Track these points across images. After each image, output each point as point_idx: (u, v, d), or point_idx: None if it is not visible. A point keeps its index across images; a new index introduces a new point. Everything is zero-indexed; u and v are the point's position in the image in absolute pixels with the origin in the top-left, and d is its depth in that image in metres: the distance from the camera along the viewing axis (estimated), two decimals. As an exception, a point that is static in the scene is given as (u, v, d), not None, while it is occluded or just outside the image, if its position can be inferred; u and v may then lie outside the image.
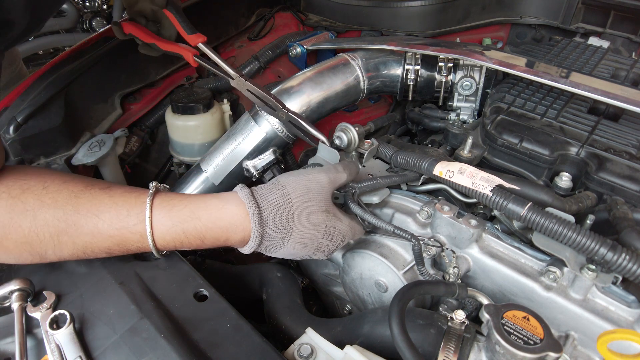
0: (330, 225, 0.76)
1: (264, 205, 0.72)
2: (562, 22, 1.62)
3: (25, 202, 0.68)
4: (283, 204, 0.72)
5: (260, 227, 0.71)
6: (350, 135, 1.07)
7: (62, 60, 1.22)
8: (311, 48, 1.54)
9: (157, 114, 1.44)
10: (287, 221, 0.72)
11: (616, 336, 0.58)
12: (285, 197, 0.73)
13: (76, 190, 0.70)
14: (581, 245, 0.70)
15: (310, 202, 0.74)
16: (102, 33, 1.31)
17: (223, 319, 0.73)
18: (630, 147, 0.96)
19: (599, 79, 1.04)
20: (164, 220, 0.71)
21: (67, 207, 0.69)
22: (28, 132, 1.11)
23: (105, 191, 0.72)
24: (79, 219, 0.69)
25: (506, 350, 0.60)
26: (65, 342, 0.68)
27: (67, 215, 0.69)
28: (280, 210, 0.72)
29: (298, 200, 0.73)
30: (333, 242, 0.78)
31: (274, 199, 0.72)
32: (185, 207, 0.72)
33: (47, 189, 0.69)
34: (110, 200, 0.71)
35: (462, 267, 0.85)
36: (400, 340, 0.61)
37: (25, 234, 0.68)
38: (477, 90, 1.28)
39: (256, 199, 0.72)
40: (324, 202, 0.76)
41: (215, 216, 0.71)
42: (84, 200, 0.70)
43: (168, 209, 0.71)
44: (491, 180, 0.80)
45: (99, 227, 0.69)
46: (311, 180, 0.76)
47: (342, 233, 0.78)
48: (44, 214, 0.68)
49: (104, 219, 0.69)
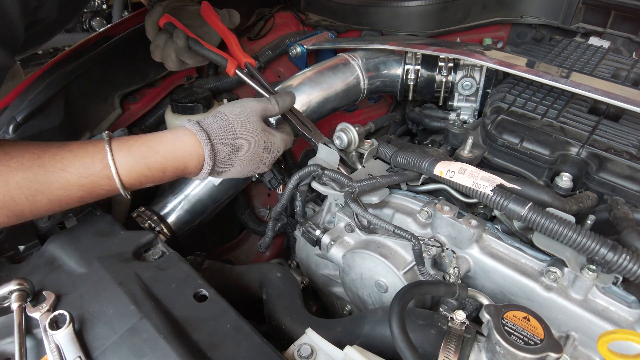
0: (268, 140, 0.88)
1: (211, 133, 0.81)
2: (563, 22, 1.61)
3: None
4: (227, 129, 0.83)
5: (212, 151, 0.81)
6: (350, 135, 1.07)
7: (62, 60, 1.21)
8: (311, 48, 1.54)
9: (156, 114, 1.44)
10: (233, 142, 0.83)
11: (616, 336, 0.58)
12: (228, 123, 0.83)
13: (37, 152, 0.74)
14: (582, 245, 0.70)
15: (248, 124, 0.85)
16: (102, 33, 1.31)
17: (223, 319, 0.73)
18: (631, 147, 0.96)
19: (599, 79, 1.04)
20: (125, 159, 0.77)
21: (34, 168, 0.73)
22: (28, 132, 1.11)
23: (63, 148, 0.77)
24: (48, 176, 0.73)
25: (506, 351, 0.60)
26: (65, 343, 0.67)
27: (37, 176, 0.73)
28: (225, 135, 0.82)
29: (238, 124, 0.84)
30: (271, 154, 0.91)
31: (219, 126, 0.82)
32: (143, 145, 0.79)
33: (9, 154, 0.72)
34: (72, 154, 0.76)
35: (463, 267, 0.85)
36: (400, 340, 0.61)
37: (0, 199, 0.71)
38: (478, 90, 1.28)
39: (204, 128, 0.81)
40: (259, 123, 0.87)
41: (172, 148, 0.80)
42: (47, 158, 0.74)
43: (127, 149, 0.78)
44: (492, 180, 0.80)
45: (68, 179, 0.74)
46: (245, 106, 0.87)
47: (277, 145, 0.91)
48: (14, 178, 0.71)
49: (72, 171, 0.75)
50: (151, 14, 1.13)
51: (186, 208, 1.22)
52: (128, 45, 1.32)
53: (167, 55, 1.13)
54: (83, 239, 0.86)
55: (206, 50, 1.08)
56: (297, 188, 0.99)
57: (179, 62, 1.14)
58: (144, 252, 0.88)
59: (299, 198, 1.03)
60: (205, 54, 1.09)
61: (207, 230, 1.54)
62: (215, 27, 1.17)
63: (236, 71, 1.07)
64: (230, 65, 1.07)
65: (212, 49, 1.08)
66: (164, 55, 1.14)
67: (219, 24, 1.16)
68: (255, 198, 1.60)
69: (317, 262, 1.08)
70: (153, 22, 1.13)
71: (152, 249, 0.89)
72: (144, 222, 1.14)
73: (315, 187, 0.96)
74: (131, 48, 1.34)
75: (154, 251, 0.89)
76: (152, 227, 1.15)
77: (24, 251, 0.97)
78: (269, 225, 1.11)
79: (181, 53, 1.11)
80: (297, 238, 1.10)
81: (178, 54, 1.12)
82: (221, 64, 1.08)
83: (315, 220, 1.05)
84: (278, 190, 1.26)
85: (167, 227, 1.18)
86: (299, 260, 1.16)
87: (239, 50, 1.11)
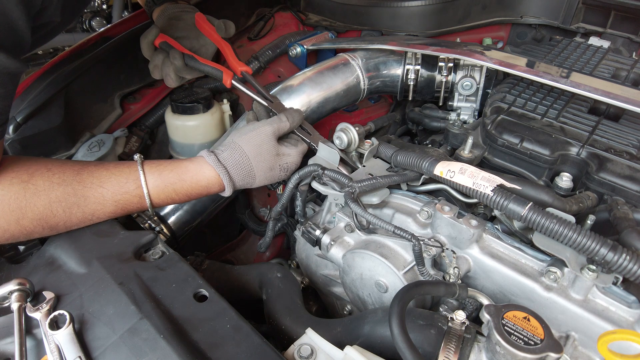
0: (282, 162, 0.99)
1: (228, 167, 0.93)
2: (563, 22, 1.61)
3: (36, 185, 0.77)
4: (243, 161, 0.93)
5: (231, 182, 0.93)
6: (350, 135, 1.07)
7: (62, 60, 1.21)
8: (311, 48, 1.54)
9: (156, 114, 1.44)
10: (249, 172, 0.95)
11: (616, 336, 0.58)
12: (244, 156, 0.93)
13: (76, 169, 0.82)
14: (582, 245, 0.70)
15: (262, 153, 0.95)
16: (102, 33, 1.31)
17: (223, 319, 0.72)
18: (631, 147, 0.96)
19: (599, 79, 1.04)
20: (157, 183, 0.88)
21: (74, 183, 0.81)
22: (28, 132, 1.11)
23: (100, 166, 0.86)
24: (86, 191, 0.82)
25: (506, 351, 0.60)
26: (65, 343, 0.67)
27: (75, 190, 0.81)
28: (242, 167, 0.94)
29: (253, 155, 0.94)
30: (288, 171, 1.01)
31: (235, 160, 0.93)
32: (172, 172, 0.90)
33: (51, 171, 0.79)
34: (108, 172, 0.85)
35: (463, 267, 0.85)
36: (400, 340, 0.61)
37: (40, 212, 0.78)
38: (478, 90, 1.28)
39: (222, 162, 0.92)
40: (273, 148, 0.96)
41: (196, 179, 0.91)
42: (86, 175, 0.82)
43: (158, 174, 0.88)
44: (492, 180, 0.80)
45: (104, 195, 0.84)
46: (260, 134, 0.95)
47: (293, 163, 1.01)
48: (55, 192, 0.78)
49: (108, 188, 0.84)
50: (146, 35, 1.19)
51: (186, 208, 1.22)
52: (128, 46, 1.32)
53: (167, 75, 1.19)
54: (83, 239, 0.86)
55: (202, 65, 1.14)
56: (297, 188, 0.99)
57: (178, 79, 1.20)
58: (144, 252, 0.88)
59: (300, 198, 1.03)
60: (202, 68, 1.14)
61: (207, 230, 1.54)
62: (210, 37, 1.21)
63: (232, 82, 1.11)
64: (226, 77, 1.11)
65: (208, 63, 1.14)
66: (164, 74, 1.20)
67: (213, 35, 1.20)
68: (255, 198, 1.60)
69: (317, 262, 1.08)
70: (149, 42, 1.19)
71: (152, 249, 0.89)
72: (144, 222, 1.14)
73: (315, 187, 0.96)
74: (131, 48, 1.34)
75: (154, 251, 0.88)
76: (152, 227, 1.15)
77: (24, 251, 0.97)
78: (269, 225, 1.11)
79: (179, 71, 1.17)
80: (297, 238, 1.10)
81: (176, 72, 1.18)
82: (217, 76, 1.12)
83: (315, 220, 1.05)
84: (278, 190, 1.26)
85: (167, 227, 1.18)
86: (299, 260, 1.16)
87: (235, 60, 1.16)
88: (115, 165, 0.87)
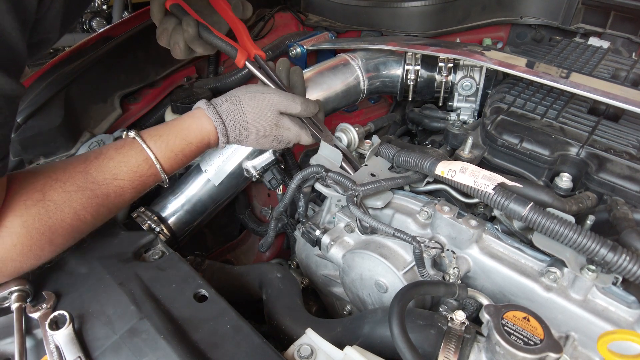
0: (278, 134, 0.98)
1: (225, 120, 0.91)
2: (562, 22, 1.62)
3: (53, 200, 0.72)
4: (239, 118, 0.92)
5: (226, 137, 0.93)
6: (350, 135, 1.07)
7: (62, 60, 1.21)
8: (311, 48, 1.54)
9: (156, 114, 1.44)
10: (243, 131, 0.94)
11: (616, 337, 0.58)
12: (242, 113, 0.92)
13: (82, 169, 0.78)
14: (581, 245, 0.70)
15: (261, 118, 0.93)
16: (102, 33, 1.31)
17: (223, 320, 0.73)
18: (631, 148, 0.96)
19: (599, 80, 1.05)
20: (166, 154, 0.86)
21: (89, 185, 0.77)
22: (28, 132, 1.11)
23: (103, 158, 0.81)
24: (105, 188, 0.79)
25: (506, 351, 0.60)
26: (65, 343, 0.67)
27: (94, 192, 0.78)
28: (237, 123, 0.93)
29: (252, 117, 0.93)
30: (281, 143, 1.00)
31: (233, 114, 0.92)
32: (177, 138, 0.88)
33: (60, 181, 0.74)
34: (114, 162, 0.81)
35: (462, 267, 0.85)
36: (400, 340, 0.61)
37: (69, 224, 0.75)
38: (477, 90, 1.28)
39: (220, 115, 0.91)
40: (273, 118, 0.95)
41: (200, 137, 0.91)
42: (95, 172, 0.79)
43: (165, 146, 0.86)
44: (493, 179, 0.80)
45: (122, 186, 0.81)
46: (265, 99, 0.94)
47: (287, 139, 1.00)
48: (77, 201, 0.75)
49: (123, 178, 0.81)
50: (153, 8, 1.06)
51: (186, 208, 1.22)
52: (128, 46, 1.32)
53: (175, 43, 1.05)
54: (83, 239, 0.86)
55: (216, 39, 1.03)
56: (299, 188, 0.99)
57: (187, 50, 1.06)
58: (144, 253, 0.88)
59: (302, 199, 1.03)
60: (216, 42, 1.03)
61: (207, 230, 1.54)
62: (225, 16, 1.10)
63: (246, 63, 1.04)
64: (240, 56, 1.03)
65: (223, 38, 1.04)
66: (172, 42, 1.05)
67: (229, 14, 1.10)
68: (255, 198, 1.60)
69: (317, 263, 1.08)
70: (160, 4, 1.05)
71: (152, 249, 0.89)
72: (144, 222, 1.14)
73: (318, 189, 0.95)
74: (131, 48, 1.34)
75: (154, 251, 0.89)
76: (152, 227, 1.15)
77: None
78: (270, 225, 1.11)
79: (191, 41, 1.04)
80: (297, 238, 1.10)
81: (188, 42, 1.04)
82: (230, 53, 1.04)
83: (315, 220, 1.05)
84: (278, 191, 1.26)
85: (167, 227, 1.18)
86: (298, 261, 1.16)
87: (250, 42, 1.07)
88: (117, 151, 0.82)
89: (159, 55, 1.42)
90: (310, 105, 1.00)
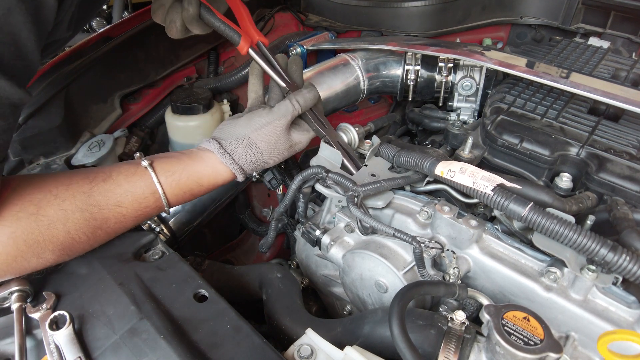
0: (292, 150, 0.99)
1: (244, 165, 0.91)
2: (562, 22, 1.62)
3: (48, 216, 0.70)
4: (257, 159, 0.92)
5: (244, 176, 0.94)
6: (350, 135, 1.07)
7: (62, 60, 1.22)
8: (311, 48, 1.54)
9: (157, 114, 1.44)
10: (262, 166, 0.96)
11: (616, 337, 0.58)
12: (258, 153, 0.92)
13: (86, 190, 0.76)
14: (581, 245, 0.70)
15: (277, 149, 0.94)
16: (102, 33, 1.31)
17: (223, 320, 0.72)
18: (631, 148, 0.96)
19: (599, 80, 1.04)
20: (175, 192, 0.86)
21: (89, 207, 0.75)
22: (28, 132, 1.11)
23: (111, 183, 0.79)
24: (104, 213, 0.77)
25: (506, 351, 0.60)
26: (65, 343, 0.67)
27: (93, 214, 0.76)
28: (255, 164, 0.93)
29: (268, 152, 0.93)
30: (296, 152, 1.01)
31: (250, 158, 0.92)
32: (188, 179, 0.87)
33: (59, 197, 0.72)
34: (122, 189, 0.79)
35: (462, 267, 0.85)
36: (400, 340, 0.61)
37: (62, 242, 0.72)
38: (477, 90, 1.28)
39: (237, 161, 0.90)
40: (287, 142, 0.95)
41: (214, 182, 0.91)
42: (99, 196, 0.77)
43: (176, 183, 0.85)
44: (492, 180, 0.80)
45: (124, 214, 0.80)
46: (275, 129, 0.92)
47: (303, 147, 1.01)
48: (73, 220, 0.73)
49: (127, 207, 0.80)
50: None
51: (187, 209, 1.22)
52: (128, 46, 1.33)
53: (172, 22, 0.96)
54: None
55: (218, 22, 0.95)
56: (300, 189, 0.99)
57: (184, 30, 0.98)
58: (144, 253, 0.88)
59: (302, 200, 1.03)
60: (217, 25, 0.95)
61: (207, 230, 1.54)
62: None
63: (249, 50, 0.98)
64: (244, 43, 0.97)
65: (226, 21, 0.96)
66: (168, 20, 0.97)
67: None
68: (255, 198, 1.60)
69: (317, 263, 1.08)
70: None
71: (152, 250, 0.89)
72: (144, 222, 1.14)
73: (319, 190, 0.95)
74: (131, 48, 1.34)
75: (154, 251, 0.89)
76: (152, 227, 1.15)
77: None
78: (271, 225, 1.11)
79: (190, 21, 0.95)
80: (297, 238, 1.10)
81: (186, 22, 0.96)
82: (233, 39, 0.97)
83: (315, 220, 1.05)
84: (278, 191, 1.26)
85: (167, 227, 1.18)
86: (298, 261, 1.16)
87: (253, 27, 1.00)
88: (127, 179, 0.80)
89: (159, 55, 1.42)
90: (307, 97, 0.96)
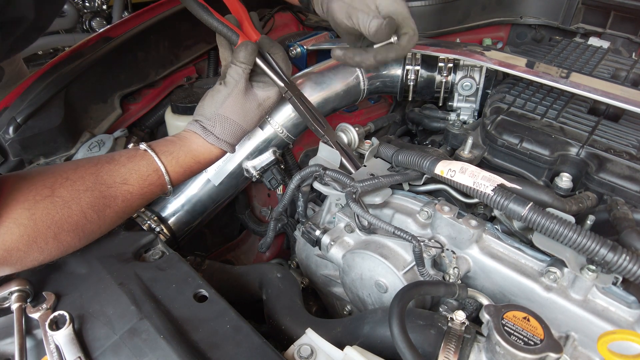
0: (264, 107, 1.00)
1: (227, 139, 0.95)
2: (562, 22, 1.62)
3: (62, 197, 0.75)
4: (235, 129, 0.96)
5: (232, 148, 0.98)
6: (350, 135, 1.07)
7: (62, 60, 1.22)
8: (311, 48, 1.54)
9: (156, 115, 1.44)
10: (242, 133, 0.98)
11: (616, 337, 0.58)
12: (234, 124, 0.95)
13: (93, 171, 0.81)
14: (581, 245, 0.70)
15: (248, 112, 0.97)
16: (102, 33, 1.31)
17: (223, 320, 0.72)
18: (631, 148, 0.96)
19: (599, 80, 1.05)
20: (176, 169, 0.91)
21: (98, 186, 0.80)
22: (28, 133, 1.11)
23: (115, 163, 0.84)
24: (113, 191, 0.81)
25: (506, 351, 0.60)
26: (65, 343, 0.67)
27: (102, 192, 0.80)
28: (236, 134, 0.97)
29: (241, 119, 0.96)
30: (270, 108, 1.03)
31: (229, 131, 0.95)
32: (187, 156, 0.92)
33: (71, 179, 0.77)
34: (126, 169, 0.84)
35: (462, 267, 0.85)
36: (400, 340, 0.61)
37: (76, 221, 0.76)
38: (477, 90, 1.28)
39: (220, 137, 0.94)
40: (254, 102, 0.97)
41: (208, 158, 0.96)
42: (106, 176, 0.81)
43: (175, 161, 0.90)
44: (492, 180, 0.80)
45: (131, 191, 0.84)
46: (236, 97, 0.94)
47: (275, 101, 1.02)
48: (85, 200, 0.77)
49: (133, 184, 0.84)
50: None
51: (186, 208, 1.22)
52: (128, 46, 1.33)
53: None
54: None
55: (216, 22, 0.94)
56: (298, 188, 0.99)
57: None
58: (144, 253, 0.88)
59: (302, 199, 1.03)
60: (215, 25, 0.94)
61: (207, 230, 1.54)
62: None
63: None
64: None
65: (224, 21, 0.94)
66: None
67: None
68: (255, 198, 1.60)
69: (317, 263, 1.08)
70: None
71: (152, 250, 0.89)
72: (144, 222, 1.14)
73: (317, 188, 0.95)
74: (131, 49, 1.34)
75: (154, 251, 0.89)
76: (152, 227, 1.15)
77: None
78: (270, 225, 1.11)
79: None
80: (297, 238, 1.10)
81: None
82: (231, 39, 0.95)
83: (315, 220, 1.05)
84: (278, 191, 1.26)
85: (167, 227, 1.18)
86: (298, 261, 1.16)
87: (251, 27, 0.99)
88: (130, 160, 0.86)
89: (159, 55, 1.42)
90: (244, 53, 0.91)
